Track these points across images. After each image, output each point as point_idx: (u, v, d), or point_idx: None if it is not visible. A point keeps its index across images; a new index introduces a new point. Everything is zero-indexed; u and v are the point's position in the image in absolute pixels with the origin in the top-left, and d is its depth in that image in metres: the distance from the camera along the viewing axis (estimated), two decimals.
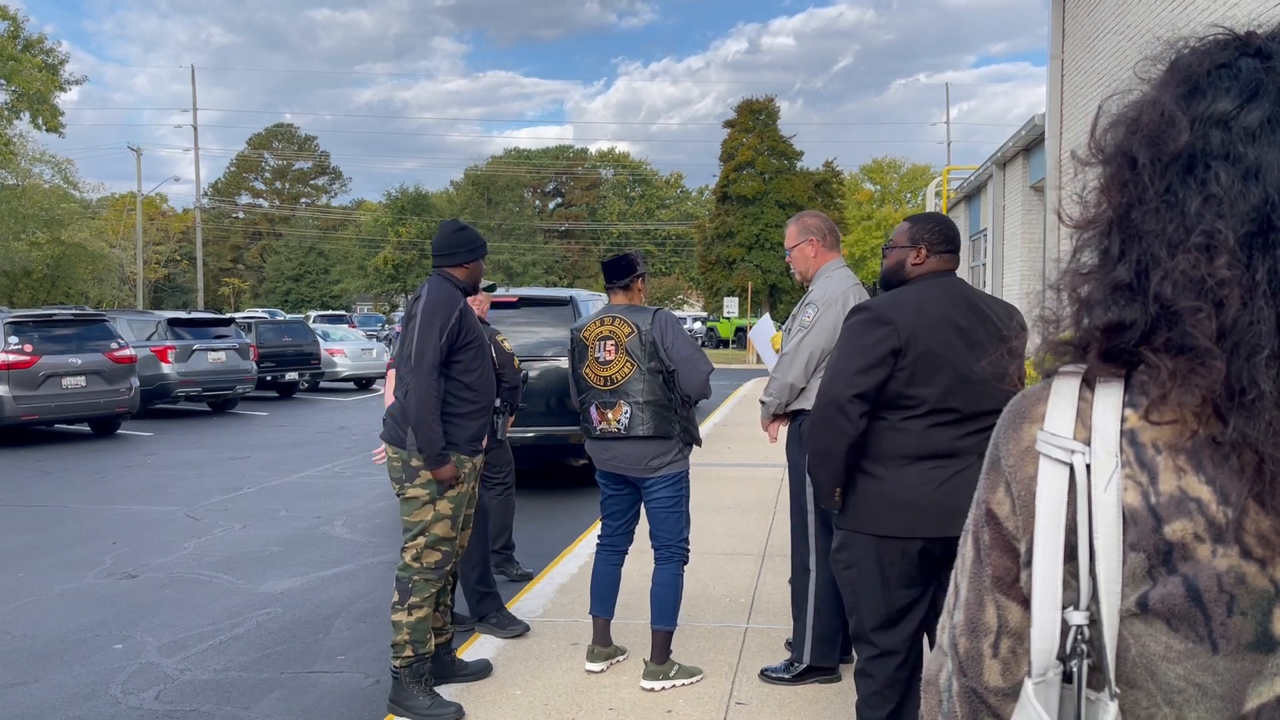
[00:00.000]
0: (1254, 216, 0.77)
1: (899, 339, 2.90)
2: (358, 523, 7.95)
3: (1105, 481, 0.81)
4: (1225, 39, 0.85)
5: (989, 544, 0.89)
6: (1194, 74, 0.84)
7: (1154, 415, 0.81)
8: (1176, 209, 0.81)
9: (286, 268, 62.93)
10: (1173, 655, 0.79)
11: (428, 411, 3.89)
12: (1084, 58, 10.69)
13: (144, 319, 16.56)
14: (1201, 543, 0.78)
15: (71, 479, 10.12)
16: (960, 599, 0.91)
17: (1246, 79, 0.81)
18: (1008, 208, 16.89)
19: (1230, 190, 0.78)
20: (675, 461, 4.22)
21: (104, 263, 36.35)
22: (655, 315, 4.21)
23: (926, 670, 0.97)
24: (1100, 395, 0.84)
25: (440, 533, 4.04)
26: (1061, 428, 0.84)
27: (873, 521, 3.00)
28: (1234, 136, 0.80)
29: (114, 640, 5.15)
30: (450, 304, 4.00)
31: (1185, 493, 0.79)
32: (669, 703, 4.10)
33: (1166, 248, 0.80)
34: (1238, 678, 0.77)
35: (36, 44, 30.96)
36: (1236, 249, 0.77)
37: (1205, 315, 0.78)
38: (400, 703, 4.01)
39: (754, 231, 39.02)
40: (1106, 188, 0.87)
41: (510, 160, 67.03)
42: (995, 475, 0.89)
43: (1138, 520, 0.80)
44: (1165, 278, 0.80)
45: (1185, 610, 0.78)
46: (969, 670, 0.89)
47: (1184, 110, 0.82)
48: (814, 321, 4.06)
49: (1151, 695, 0.80)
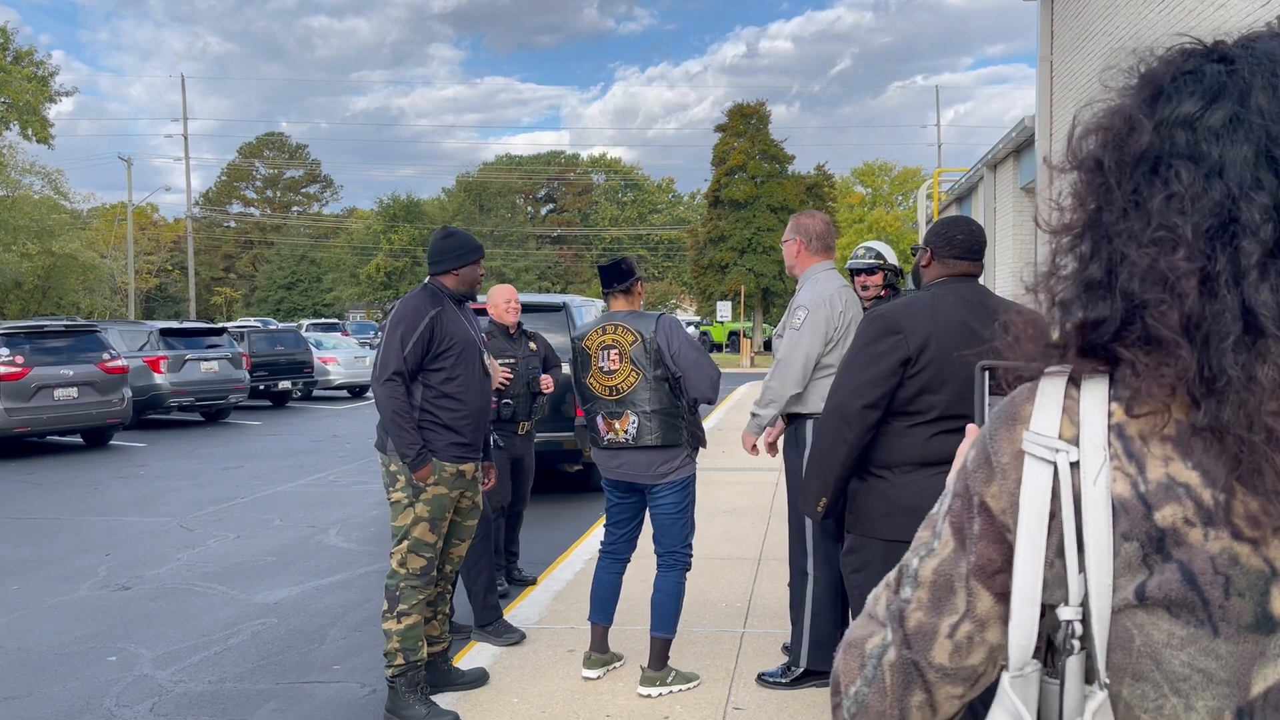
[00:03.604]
0: (1216, 211, 0.80)
1: (909, 348, 2.88)
2: (352, 532, 7.93)
3: (1094, 475, 0.82)
4: (1191, 48, 0.87)
5: (978, 533, 0.89)
6: (1159, 80, 0.86)
7: (1134, 408, 0.83)
8: (1142, 208, 0.83)
9: (279, 276, 62.79)
10: (1175, 642, 0.79)
11: (393, 417, 3.98)
12: (1074, 60, 10.74)
13: (136, 329, 16.51)
14: (1192, 527, 0.79)
15: (64, 491, 10.08)
16: (918, 577, 0.92)
17: (1210, 82, 0.84)
18: (999, 210, 16.94)
19: (1192, 187, 0.81)
20: (683, 467, 4.21)
21: (95, 273, 36.24)
22: (659, 321, 4.18)
23: (851, 634, 0.97)
24: (1086, 392, 0.86)
25: (420, 536, 4.05)
26: (1047, 427, 0.86)
27: (881, 526, 2.99)
28: (1199, 136, 0.82)
29: (108, 653, 5.12)
30: (417, 313, 4.05)
31: (1173, 478, 0.80)
32: (666, 709, 4.09)
33: (1134, 245, 0.83)
34: (1241, 661, 0.78)
35: (26, 56, 30.91)
36: (1196, 242, 0.80)
37: (1168, 306, 0.80)
38: (396, 712, 4.00)
39: (746, 236, 39.07)
40: (1079, 193, 0.89)
41: (502, 166, 67.05)
42: (989, 470, 0.90)
43: (1128, 509, 0.81)
44: (1131, 273, 0.83)
45: (1183, 595, 0.79)
46: (915, 644, 0.90)
47: (1149, 114, 0.85)
48: (804, 323, 4.07)
49: (1158, 685, 0.81)
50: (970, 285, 3.06)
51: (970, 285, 3.06)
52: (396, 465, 4.03)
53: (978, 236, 3.12)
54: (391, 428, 3.98)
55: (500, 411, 5.78)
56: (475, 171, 65.24)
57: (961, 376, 2.87)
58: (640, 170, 71.16)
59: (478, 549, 4.92)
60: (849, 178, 53.21)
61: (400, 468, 4.02)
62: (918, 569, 0.92)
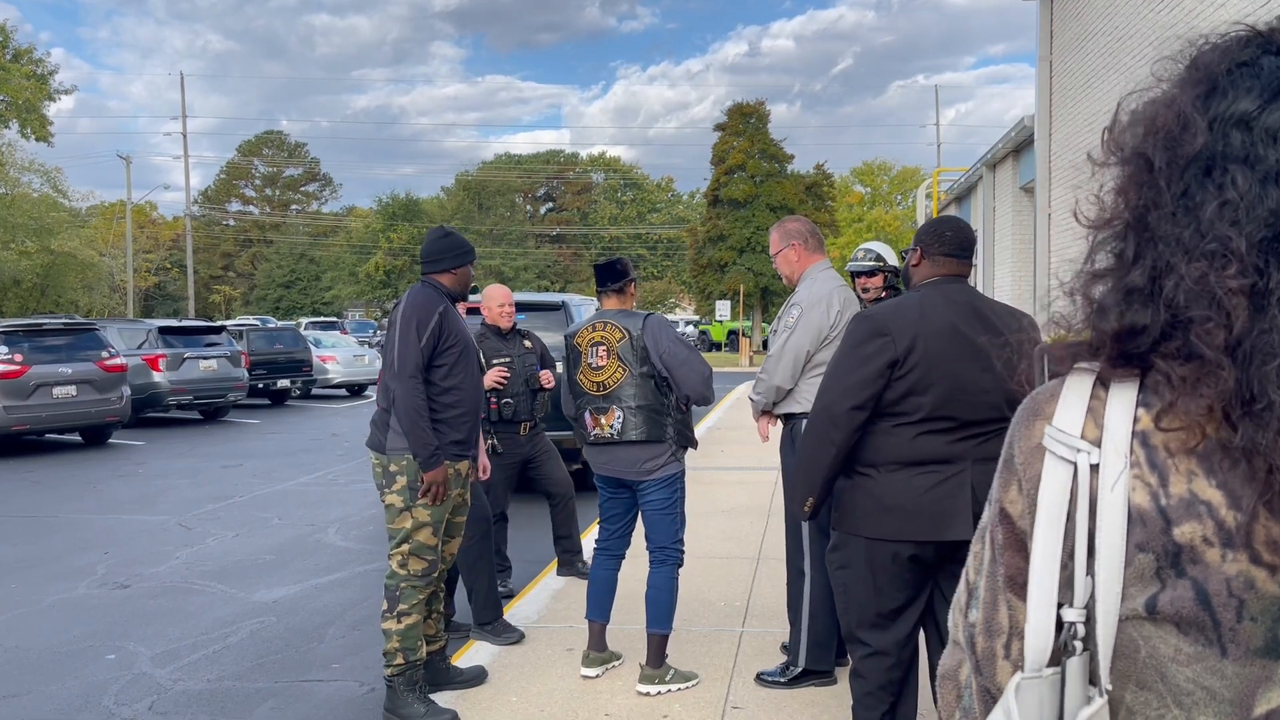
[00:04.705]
0: (1271, 222, 0.76)
1: (896, 350, 2.88)
2: (351, 530, 7.93)
3: (1113, 481, 0.80)
4: (1247, 36, 0.83)
5: (1002, 543, 0.88)
6: (1214, 72, 0.82)
7: (1164, 422, 0.80)
8: (1192, 214, 0.79)
9: (277, 275, 62.76)
10: (1182, 658, 0.78)
11: (417, 414, 3.91)
12: (1073, 59, 10.74)
13: (134, 327, 16.49)
14: (1211, 546, 0.77)
15: (63, 489, 10.07)
16: (977, 598, 0.91)
17: (1269, 78, 0.80)
18: (998, 209, 16.94)
19: (1247, 195, 0.77)
20: (669, 464, 4.22)
21: (94, 271, 36.23)
22: (646, 320, 4.21)
23: (943, 665, 0.96)
24: (1114, 394, 0.83)
25: (424, 539, 4.03)
26: (1070, 425, 0.84)
27: (864, 524, 3.00)
28: (1255, 138, 0.78)
29: (107, 651, 5.12)
30: (428, 308, 4.02)
31: (1195, 495, 0.78)
32: (665, 707, 4.09)
33: (1182, 254, 0.79)
34: (1247, 683, 0.77)
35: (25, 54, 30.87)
36: (1249, 256, 0.76)
37: (1215, 325, 0.77)
38: (395, 711, 4.00)
39: (745, 235, 39.06)
40: (1123, 189, 0.86)
41: (501, 165, 66.99)
42: (1009, 473, 0.89)
43: (1146, 521, 0.79)
44: (1178, 285, 0.79)
45: (1194, 614, 0.77)
46: (984, 670, 0.89)
47: (1202, 111, 0.81)
48: (798, 322, 4.08)
49: (1161, 696, 0.80)
50: (959, 286, 3.06)
51: (959, 286, 3.06)
52: (396, 465, 4.00)
53: (967, 234, 3.13)
54: (410, 425, 3.91)
55: (501, 411, 5.77)
56: (474, 170, 65.20)
57: (949, 378, 2.88)
58: (639, 169, 71.15)
59: (477, 548, 4.91)
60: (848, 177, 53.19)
61: (400, 468, 4.00)
62: (974, 582, 0.91)
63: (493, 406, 5.71)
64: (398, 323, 4.00)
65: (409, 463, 3.98)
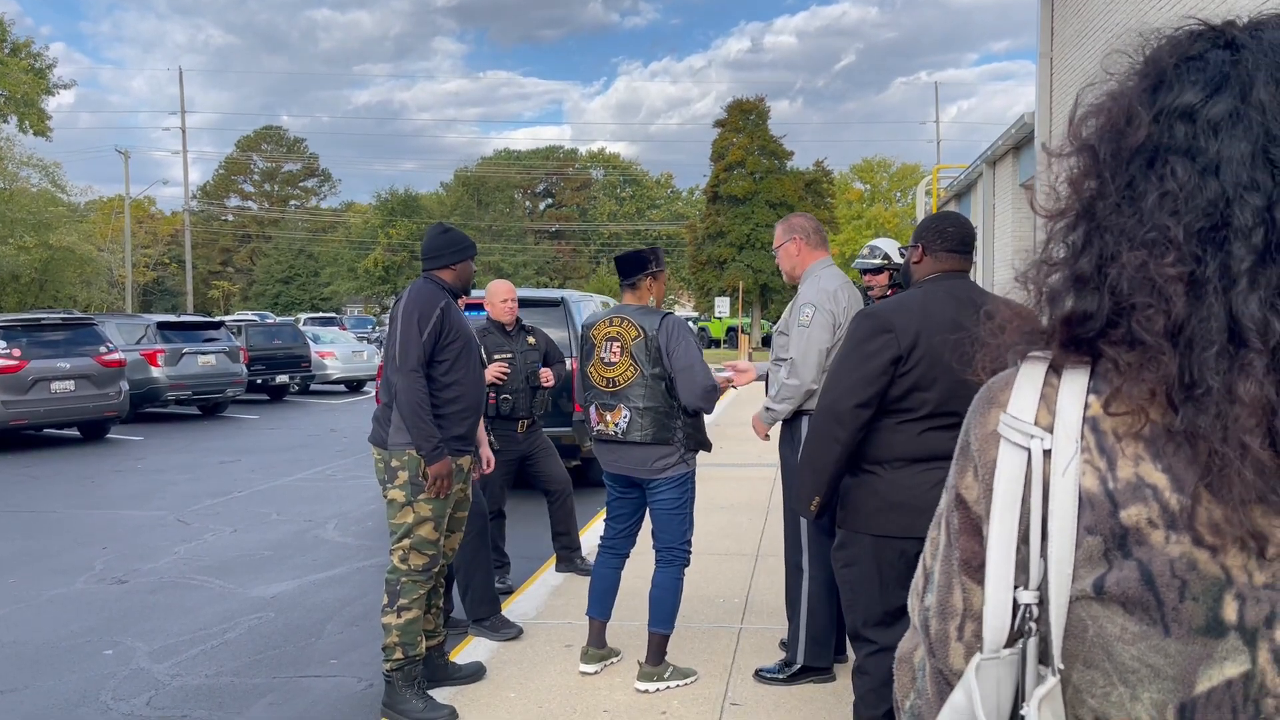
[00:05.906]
0: (1209, 212, 0.78)
1: (899, 347, 2.88)
2: (349, 526, 7.93)
3: (1064, 467, 0.82)
4: (1198, 31, 0.85)
5: (958, 528, 0.90)
6: (1163, 66, 0.84)
7: (1111, 407, 0.82)
8: (1135, 204, 0.82)
9: (276, 270, 62.71)
10: (1127, 637, 0.80)
11: (419, 408, 3.90)
12: (1073, 56, 10.73)
13: (133, 322, 16.49)
14: (1155, 528, 0.79)
15: (61, 484, 10.06)
16: (932, 582, 0.93)
17: (1214, 71, 0.81)
18: (997, 206, 16.94)
19: (1186, 185, 0.79)
20: (679, 464, 4.20)
21: (92, 266, 36.16)
22: (663, 320, 4.14)
23: (900, 648, 0.98)
24: (1066, 381, 0.86)
25: (425, 535, 4.03)
26: (1024, 412, 0.86)
27: (870, 522, 2.99)
28: (1197, 129, 0.80)
29: (104, 646, 5.11)
30: (430, 302, 4.01)
31: (1141, 479, 0.80)
32: (664, 704, 4.09)
33: (1125, 242, 0.82)
34: (1189, 660, 0.79)
35: (24, 47, 30.81)
36: (1187, 245, 0.78)
37: (1155, 311, 0.79)
38: (393, 706, 4.00)
39: (745, 231, 39.04)
40: (1075, 179, 0.88)
41: (500, 161, 66.96)
42: (965, 460, 0.91)
43: (1094, 504, 0.81)
44: (1120, 273, 0.82)
45: (1139, 594, 0.79)
46: (937, 651, 0.91)
47: (1148, 104, 0.83)
48: (813, 320, 4.06)
49: (1108, 674, 0.82)
50: (961, 282, 3.06)
51: (961, 282, 3.06)
52: (398, 461, 4.00)
53: (968, 230, 3.12)
54: (412, 419, 3.91)
55: (500, 407, 5.76)
56: (474, 166, 65.17)
57: (952, 373, 2.86)
58: (639, 165, 71.12)
59: (474, 544, 4.90)
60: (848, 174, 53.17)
61: (402, 463, 3.99)
62: (930, 567, 0.94)
63: (491, 401, 5.69)
64: (399, 317, 4.00)
65: (411, 458, 3.97)
